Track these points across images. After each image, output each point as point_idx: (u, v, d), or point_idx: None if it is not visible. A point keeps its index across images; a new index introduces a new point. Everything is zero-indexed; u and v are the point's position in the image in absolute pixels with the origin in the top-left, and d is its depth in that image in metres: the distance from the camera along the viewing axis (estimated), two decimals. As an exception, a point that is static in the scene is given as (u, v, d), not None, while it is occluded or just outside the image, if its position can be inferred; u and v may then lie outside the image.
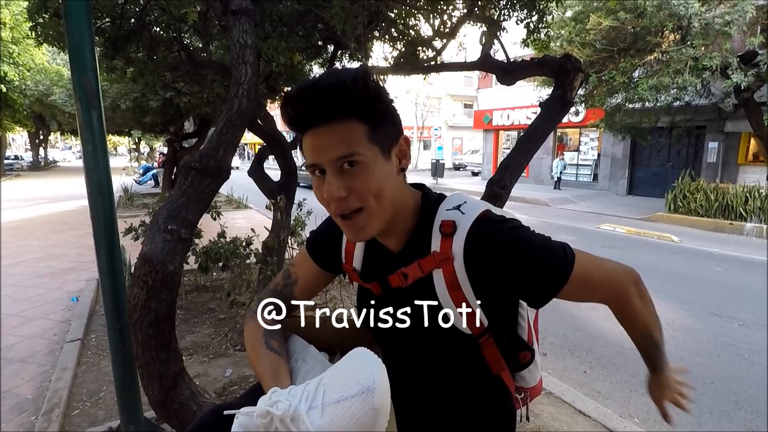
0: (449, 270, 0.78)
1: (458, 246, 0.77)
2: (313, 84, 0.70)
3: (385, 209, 0.76)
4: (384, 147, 0.75)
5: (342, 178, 0.72)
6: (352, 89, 0.69)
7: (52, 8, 2.79)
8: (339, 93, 0.69)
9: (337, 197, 0.72)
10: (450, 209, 0.81)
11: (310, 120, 0.72)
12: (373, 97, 0.72)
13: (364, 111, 0.72)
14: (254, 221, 8.24)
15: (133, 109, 7.30)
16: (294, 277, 1.00)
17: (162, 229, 1.47)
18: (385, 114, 0.75)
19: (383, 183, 0.74)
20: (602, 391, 2.76)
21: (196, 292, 4.08)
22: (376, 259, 0.91)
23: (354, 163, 0.71)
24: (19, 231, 7.52)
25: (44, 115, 18.95)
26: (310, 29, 3.35)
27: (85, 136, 1.47)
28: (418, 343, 0.88)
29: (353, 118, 0.71)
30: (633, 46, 8.15)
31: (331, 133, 0.71)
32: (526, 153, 2.27)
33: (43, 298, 4.17)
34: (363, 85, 0.70)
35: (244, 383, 2.52)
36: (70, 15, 1.42)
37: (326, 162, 0.72)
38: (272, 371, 0.83)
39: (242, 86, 1.64)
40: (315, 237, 1.02)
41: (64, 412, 2.26)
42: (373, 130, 0.73)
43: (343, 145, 0.71)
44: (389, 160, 0.76)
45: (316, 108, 0.71)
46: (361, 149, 0.71)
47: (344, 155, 0.71)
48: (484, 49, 2.71)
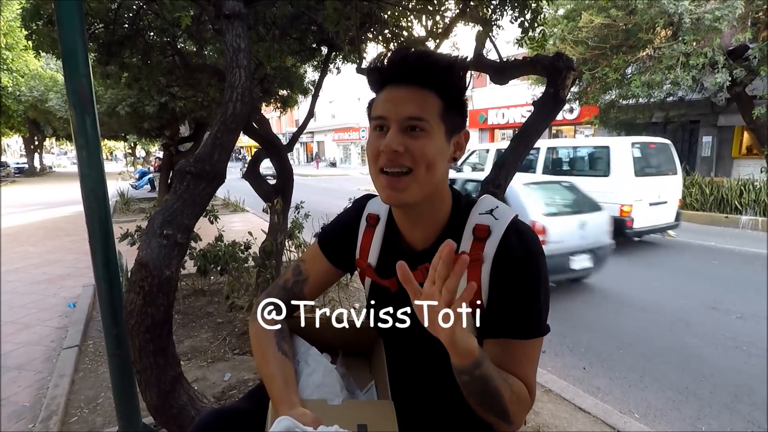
0: (475, 272, 0.80)
1: (491, 250, 0.79)
2: (410, 51, 0.77)
3: (430, 182, 0.78)
4: (449, 129, 0.79)
5: (404, 136, 0.76)
6: (442, 67, 0.76)
7: (46, 15, 2.78)
8: (431, 65, 0.76)
9: (393, 150, 0.75)
10: (483, 213, 0.83)
11: (397, 77, 0.76)
12: (456, 82, 0.78)
13: (446, 92, 0.77)
14: (251, 224, 8.23)
15: (131, 114, 7.28)
16: (305, 275, 1.00)
17: (158, 234, 1.47)
18: (460, 102, 0.81)
19: (438, 157, 0.77)
20: (602, 387, 2.77)
21: (193, 296, 4.07)
22: (394, 256, 0.91)
23: (419, 128, 0.75)
24: (16, 237, 7.48)
25: (39, 121, 18.91)
26: (303, 31, 3.36)
27: (80, 141, 1.47)
28: (426, 343, 0.88)
29: (434, 90, 0.76)
30: (625, 43, 8.21)
31: (411, 94, 0.76)
32: (520, 152, 2.28)
33: (39, 304, 4.15)
34: (451, 68, 0.76)
35: (243, 387, 2.51)
36: (62, 20, 1.42)
37: (396, 117, 0.76)
38: (283, 376, 0.83)
39: (236, 90, 1.64)
40: (328, 233, 1.02)
41: (62, 419, 2.25)
42: (446, 110, 0.78)
43: (417, 107, 0.75)
44: (449, 144, 0.80)
45: (406, 68, 0.76)
46: (431, 119, 0.76)
47: (415, 116, 0.75)
48: (477, 49, 2.72)
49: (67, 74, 1.45)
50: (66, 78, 1.45)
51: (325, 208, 6.21)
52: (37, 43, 3.07)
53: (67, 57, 1.44)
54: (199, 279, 4.16)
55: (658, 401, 2.61)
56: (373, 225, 0.95)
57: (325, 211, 4.29)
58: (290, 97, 5.44)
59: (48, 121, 16.59)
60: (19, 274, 5.21)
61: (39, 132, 23.91)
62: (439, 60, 0.76)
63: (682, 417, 2.46)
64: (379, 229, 0.94)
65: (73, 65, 1.43)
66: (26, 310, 4.01)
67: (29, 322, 3.70)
